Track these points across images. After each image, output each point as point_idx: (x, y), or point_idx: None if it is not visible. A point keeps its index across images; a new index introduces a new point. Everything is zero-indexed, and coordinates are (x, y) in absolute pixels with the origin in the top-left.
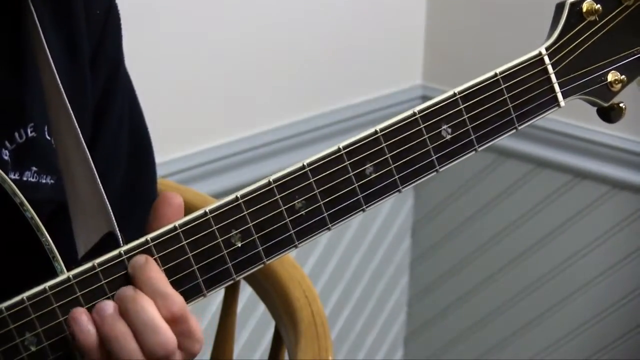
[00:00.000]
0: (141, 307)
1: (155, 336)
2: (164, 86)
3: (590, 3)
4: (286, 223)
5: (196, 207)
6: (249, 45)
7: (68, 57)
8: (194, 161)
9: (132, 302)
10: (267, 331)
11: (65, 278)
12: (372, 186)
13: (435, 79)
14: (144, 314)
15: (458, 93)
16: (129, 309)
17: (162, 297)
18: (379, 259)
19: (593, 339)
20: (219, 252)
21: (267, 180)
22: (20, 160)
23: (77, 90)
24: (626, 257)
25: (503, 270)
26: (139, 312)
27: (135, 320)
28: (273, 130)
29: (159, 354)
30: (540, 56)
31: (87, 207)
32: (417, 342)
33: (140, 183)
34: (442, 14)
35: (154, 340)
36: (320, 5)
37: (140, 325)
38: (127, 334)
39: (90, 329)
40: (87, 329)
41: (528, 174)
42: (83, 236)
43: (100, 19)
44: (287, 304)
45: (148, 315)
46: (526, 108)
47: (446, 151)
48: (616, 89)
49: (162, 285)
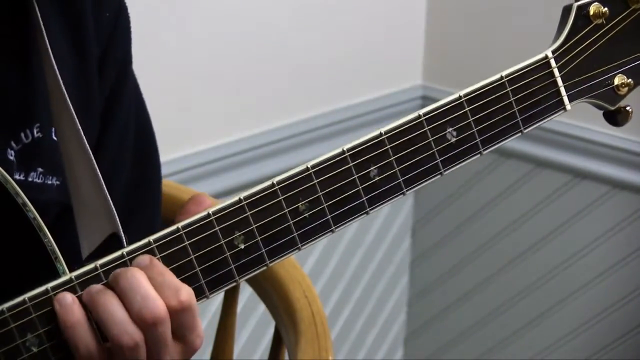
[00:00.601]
0: (131, 274)
1: (143, 301)
2: (164, 86)
3: (597, 6)
4: (289, 225)
5: None
6: (249, 45)
7: (76, 59)
8: (194, 161)
9: (123, 272)
10: (267, 331)
11: (68, 279)
12: (376, 189)
13: (435, 79)
14: (133, 280)
15: (463, 96)
16: (117, 275)
17: (169, 287)
18: (379, 259)
19: (593, 339)
20: (222, 253)
21: (270, 182)
22: (25, 160)
23: (85, 93)
24: (626, 257)
25: (503, 270)
26: (128, 278)
27: (123, 287)
28: (273, 130)
29: (148, 320)
30: (546, 59)
31: (91, 208)
32: (417, 342)
33: (146, 185)
34: (442, 14)
35: (142, 304)
36: (321, 5)
37: (128, 290)
38: (114, 301)
39: (75, 307)
40: (72, 307)
41: (528, 174)
42: (87, 237)
43: (109, 21)
44: (287, 304)
45: (136, 280)
46: (532, 111)
47: (451, 154)
48: (622, 93)
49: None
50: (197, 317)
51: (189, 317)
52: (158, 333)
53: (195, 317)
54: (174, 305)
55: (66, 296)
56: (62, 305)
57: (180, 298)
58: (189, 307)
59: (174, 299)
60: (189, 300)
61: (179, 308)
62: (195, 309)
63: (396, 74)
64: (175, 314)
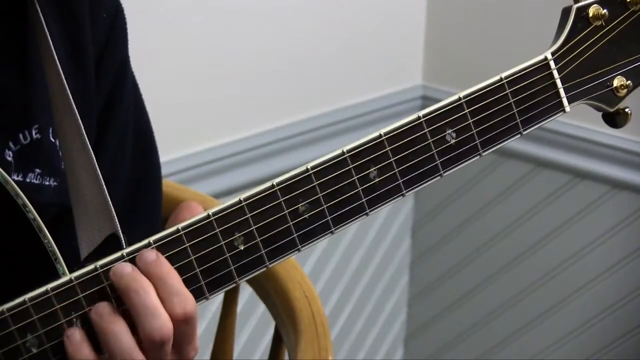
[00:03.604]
0: (143, 290)
1: (154, 321)
2: (164, 86)
3: (596, 8)
4: (289, 226)
5: None
6: (249, 45)
7: (73, 61)
8: (194, 161)
9: (132, 280)
10: (267, 331)
11: (67, 280)
12: (376, 190)
13: (435, 79)
14: (147, 297)
15: (463, 97)
16: (127, 286)
17: (178, 295)
18: (379, 259)
19: (593, 339)
20: (221, 255)
21: (270, 184)
22: (23, 161)
23: (82, 93)
24: (626, 257)
25: (503, 270)
26: (140, 294)
27: (135, 302)
28: (273, 130)
29: (156, 340)
30: (545, 61)
31: (90, 209)
32: (417, 342)
33: (145, 185)
34: (442, 14)
35: (152, 326)
36: (321, 5)
37: (139, 306)
38: (123, 329)
39: (84, 346)
40: (81, 346)
41: (528, 174)
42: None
43: (106, 22)
44: (287, 304)
45: (149, 298)
46: (531, 113)
47: (450, 156)
48: (622, 95)
49: (178, 283)
50: (196, 330)
51: (190, 329)
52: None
53: (195, 328)
54: (179, 315)
55: (75, 334)
56: (72, 342)
57: (187, 309)
58: (192, 319)
59: (179, 309)
60: (193, 312)
61: (182, 319)
62: (196, 321)
63: (396, 74)
64: (178, 324)
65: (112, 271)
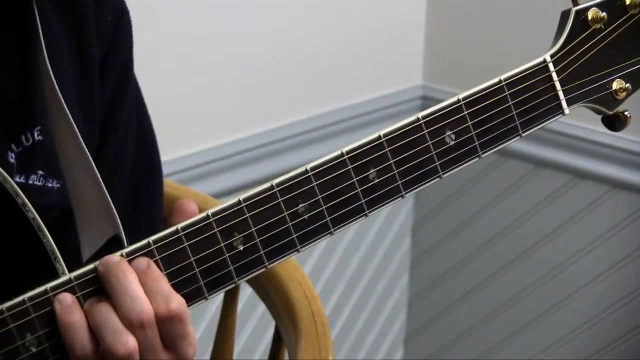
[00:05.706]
0: (123, 274)
1: (132, 302)
2: (164, 86)
3: (595, 11)
4: (288, 227)
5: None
6: (249, 45)
7: (78, 61)
8: (194, 161)
9: (115, 267)
10: (267, 331)
11: (67, 279)
12: (375, 191)
13: (435, 79)
14: (125, 281)
15: (462, 99)
16: (109, 272)
17: (162, 296)
18: (379, 259)
19: (593, 339)
20: (220, 255)
21: (270, 184)
22: (26, 163)
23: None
24: (626, 257)
25: (503, 270)
26: (120, 278)
27: (114, 285)
28: (273, 130)
29: (134, 322)
30: (544, 63)
31: (92, 211)
32: (417, 342)
33: (147, 187)
34: (442, 14)
35: (130, 306)
36: (321, 5)
37: (118, 290)
38: (110, 307)
39: (75, 308)
40: (72, 307)
41: (528, 174)
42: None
43: (111, 25)
44: (287, 304)
45: (127, 281)
46: (530, 115)
47: (450, 157)
48: (621, 97)
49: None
50: (189, 326)
51: (180, 326)
52: (146, 336)
53: (186, 326)
54: (162, 312)
55: (67, 297)
56: (62, 305)
57: (170, 306)
58: (179, 316)
59: (163, 306)
60: (178, 309)
61: (167, 316)
62: (186, 318)
63: (396, 74)
64: (164, 321)
65: (99, 261)
